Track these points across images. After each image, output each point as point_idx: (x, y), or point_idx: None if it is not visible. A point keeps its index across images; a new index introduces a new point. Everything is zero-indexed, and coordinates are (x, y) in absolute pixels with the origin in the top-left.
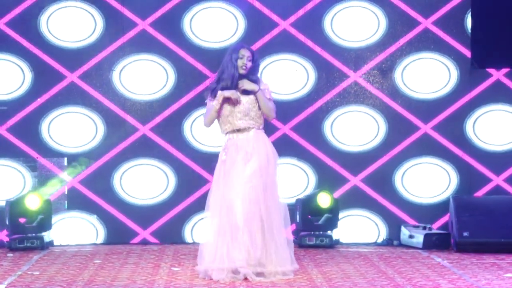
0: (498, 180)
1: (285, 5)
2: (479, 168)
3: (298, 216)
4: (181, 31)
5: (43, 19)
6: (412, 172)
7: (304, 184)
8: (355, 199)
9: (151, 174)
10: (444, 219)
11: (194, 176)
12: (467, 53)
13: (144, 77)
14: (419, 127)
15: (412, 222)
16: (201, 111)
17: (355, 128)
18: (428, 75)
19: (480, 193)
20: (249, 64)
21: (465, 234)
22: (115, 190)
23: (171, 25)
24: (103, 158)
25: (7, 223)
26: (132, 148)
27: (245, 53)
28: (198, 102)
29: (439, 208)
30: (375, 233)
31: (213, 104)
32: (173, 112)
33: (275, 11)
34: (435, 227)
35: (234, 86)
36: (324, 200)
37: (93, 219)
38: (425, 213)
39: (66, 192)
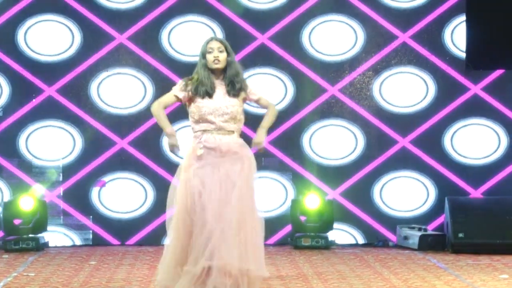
0: (476, 194)
1: (263, 19)
2: (457, 181)
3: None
4: (159, 45)
5: (20, 33)
6: (391, 185)
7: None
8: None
9: (130, 187)
10: (440, 220)
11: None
12: (445, 67)
13: (122, 91)
14: (397, 141)
15: (390, 236)
16: (182, 123)
17: (333, 142)
18: (406, 88)
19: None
20: (222, 55)
21: (460, 235)
22: (94, 204)
23: (149, 38)
24: (81, 172)
25: (1, 224)
26: (110, 162)
27: (213, 45)
28: (179, 115)
29: (417, 222)
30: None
31: (161, 123)
32: (152, 125)
33: (254, 25)
34: (431, 228)
35: (212, 87)
36: (314, 202)
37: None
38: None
39: (61, 194)
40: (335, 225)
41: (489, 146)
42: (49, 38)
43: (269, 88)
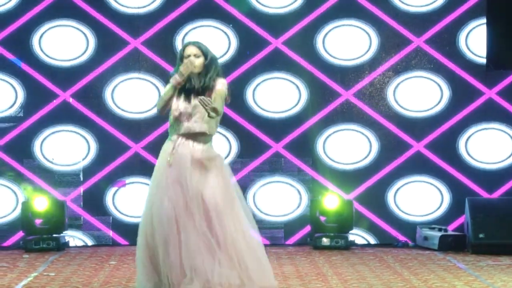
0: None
1: (277, 23)
2: (472, 186)
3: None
4: (174, 49)
5: (35, 38)
6: (405, 189)
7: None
8: None
9: (144, 191)
10: (460, 220)
11: None
12: (459, 71)
13: (136, 96)
14: (411, 145)
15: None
16: None
17: (346, 147)
18: (420, 92)
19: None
20: (198, 61)
21: (481, 235)
22: (108, 209)
23: (163, 43)
24: (96, 176)
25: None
26: (126, 166)
27: (190, 50)
28: None
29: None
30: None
31: (166, 88)
32: (166, 129)
33: (267, 29)
34: (451, 229)
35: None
36: (333, 202)
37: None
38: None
39: (81, 194)
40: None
41: (504, 150)
42: (64, 43)
43: (283, 93)
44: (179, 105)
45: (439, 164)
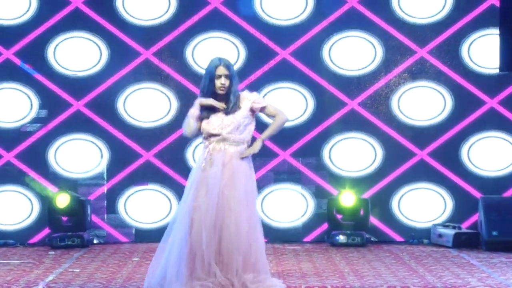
0: None
1: (285, 35)
2: (474, 193)
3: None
4: (184, 60)
5: (50, 49)
6: (409, 197)
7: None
8: None
9: (155, 198)
10: (474, 218)
11: None
12: (462, 81)
13: (148, 105)
14: (415, 153)
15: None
16: (201, 139)
17: (352, 155)
18: (424, 102)
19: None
20: (228, 83)
21: (494, 233)
22: (120, 212)
23: (173, 54)
24: (107, 184)
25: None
26: (136, 174)
27: (222, 71)
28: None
29: (432, 233)
30: None
31: (191, 111)
32: (176, 138)
33: (275, 40)
34: (465, 227)
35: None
36: (348, 199)
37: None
38: (423, 237)
39: (105, 192)
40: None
41: (506, 158)
42: (77, 54)
43: (290, 102)
44: (207, 124)
45: (442, 172)
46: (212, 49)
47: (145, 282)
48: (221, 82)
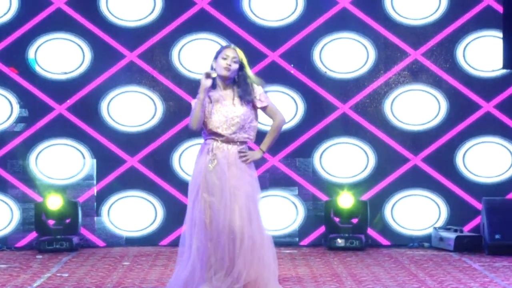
0: None
1: (274, 36)
2: (470, 200)
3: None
4: (170, 62)
5: (31, 51)
6: (402, 203)
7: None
8: None
9: (139, 206)
10: (476, 221)
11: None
12: (457, 85)
13: (132, 109)
14: (409, 159)
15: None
16: (188, 143)
17: (344, 160)
18: (418, 106)
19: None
20: (234, 66)
21: (497, 236)
22: (103, 220)
23: (159, 56)
24: (91, 191)
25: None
26: (120, 180)
27: (230, 53)
28: (187, 134)
29: (427, 240)
30: None
31: (195, 100)
32: (162, 143)
33: (264, 42)
34: (467, 230)
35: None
36: (347, 201)
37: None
38: (423, 241)
39: (95, 194)
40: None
41: (503, 164)
42: (59, 56)
43: (280, 106)
44: (213, 117)
45: (436, 178)
46: (199, 51)
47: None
48: (227, 62)
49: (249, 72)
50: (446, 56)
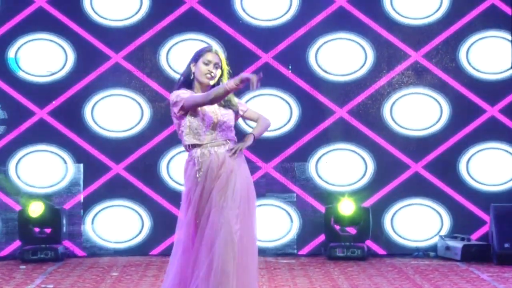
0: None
1: (267, 37)
2: (474, 210)
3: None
4: (158, 64)
5: (11, 52)
6: (403, 213)
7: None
8: None
9: (125, 216)
10: (481, 231)
11: (171, 218)
12: (460, 88)
13: (117, 113)
14: (409, 166)
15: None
16: (177, 149)
17: (341, 168)
18: (418, 110)
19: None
20: (217, 72)
21: (506, 245)
22: (86, 231)
23: (146, 58)
24: (75, 199)
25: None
26: (105, 189)
27: (212, 58)
28: (176, 140)
29: (431, 251)
30: None
31: (226, 86)
32: (149, 149)
33: (257, 43)
34: (474, 238)
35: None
36: (348, 208)
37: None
38: (428, 250)
39: (81, 200)
40: None
41: (508, 171)
42: (41, 57)
43: (273, 110)
44: (198, 117)
45: (438, 186)
46: (188, 52)
47: None
48: (209, 69)
49: (226, 78)
50: (448, 57)
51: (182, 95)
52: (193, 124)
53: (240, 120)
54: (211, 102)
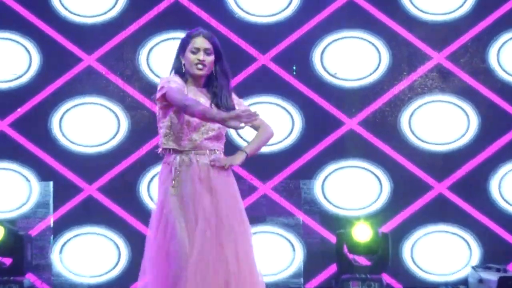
0: None
1: (265, 35)
2: (506, 237)
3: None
4: (137, 68)
5: None
6: (426, 241)
7: None
8: None
9: (99, 244)
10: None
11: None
12: (490, 95)
13: (90, 124)
14: (432, 186)
15: None
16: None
17: (351, 188)
18: (442, 121)
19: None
20: (209, 59)
21: None
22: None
23: (124, 60)
24: (40, 226)
25: None
26: (75, 213)
27: (200, 43)
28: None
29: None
30: None
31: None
32: (127, 167)
33: (252, 42)
34: (511, 268)
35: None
36: (363, 233)
37: None
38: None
39: (51, 225)
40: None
41: None
42: (1, 59)
43: (272, 121)
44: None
45: (466, 210)
46: (172, 54)
47: None
48: (198, 58)
49: (226, 66)
50: (476, 59)
51: (171, 83)
52: (175, 125)
53: None
54: (184, 110)
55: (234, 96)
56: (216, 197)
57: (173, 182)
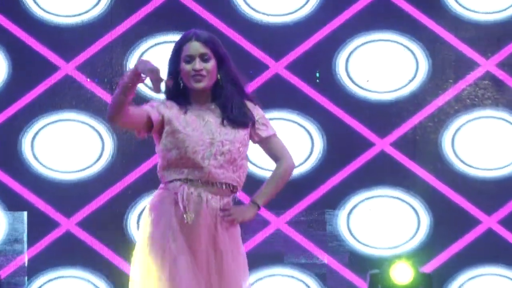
0: None
1: (278, 39)
2: None
3: None
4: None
5: None
6: (473, 285)
7: None
8: None
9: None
10: None
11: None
12: None
13: (68, 146)
14: (480, 221)
15: None
16: (151, 196)
17: (384, 222)
18: (492, 142)
19: None
20: (208, 66)
21: None
22: None
23: (107, 68)
24: (11, 266)
25: None
26: (51, 252)
27: (194, 50)
28: (150, 183)
29: None
30: None
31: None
32: (112, 196)
33: (264, 48)
34: None
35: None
36: (404, 274)
37: None
38: None
39: (26, 264)
40: None
41: None
42: None
43: (287, 141)
44: (187, 133)
45: None
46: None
47: None
48: (193, 67)
49: (232, 69)
50: None
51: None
52: (170, 154)
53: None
54: (108, 116)
55: (249, 103)
56: (222, 262)
57: (186, 211)
